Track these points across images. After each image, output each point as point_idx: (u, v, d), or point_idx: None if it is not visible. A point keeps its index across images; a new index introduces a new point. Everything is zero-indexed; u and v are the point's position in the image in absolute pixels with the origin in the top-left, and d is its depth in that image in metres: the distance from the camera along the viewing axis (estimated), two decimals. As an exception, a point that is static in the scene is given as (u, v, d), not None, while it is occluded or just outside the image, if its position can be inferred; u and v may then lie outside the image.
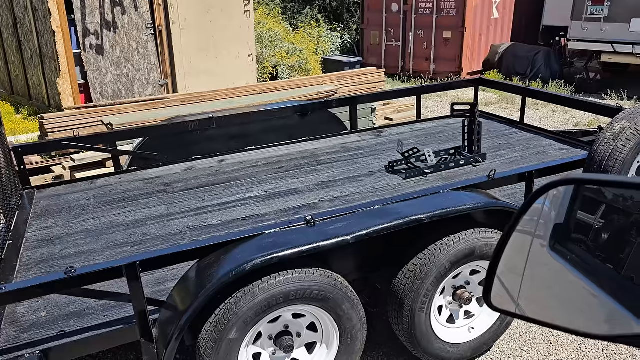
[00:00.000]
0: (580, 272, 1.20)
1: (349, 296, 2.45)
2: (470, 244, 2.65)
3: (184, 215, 3.57)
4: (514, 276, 1.25)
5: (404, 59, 12.09)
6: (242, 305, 2.25)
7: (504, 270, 1.22)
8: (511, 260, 1.22)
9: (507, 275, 1.23)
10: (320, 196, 3.74)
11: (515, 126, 5.06)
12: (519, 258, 1.25)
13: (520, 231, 1.20)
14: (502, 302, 1.22)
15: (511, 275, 1.25)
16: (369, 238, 2.43)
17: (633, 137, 2.87)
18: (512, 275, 1.25)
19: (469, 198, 2.71)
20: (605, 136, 2.96)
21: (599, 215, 1.24)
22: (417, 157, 4.25)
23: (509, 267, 1.23)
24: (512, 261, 1.23)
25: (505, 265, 1.21)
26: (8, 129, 7.56)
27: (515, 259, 1.24)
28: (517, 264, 1.25)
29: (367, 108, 6.90)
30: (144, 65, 8.46)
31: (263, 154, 4.67)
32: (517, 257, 1.24)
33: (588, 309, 1.17)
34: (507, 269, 1.22)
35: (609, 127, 2.99)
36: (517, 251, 1.24)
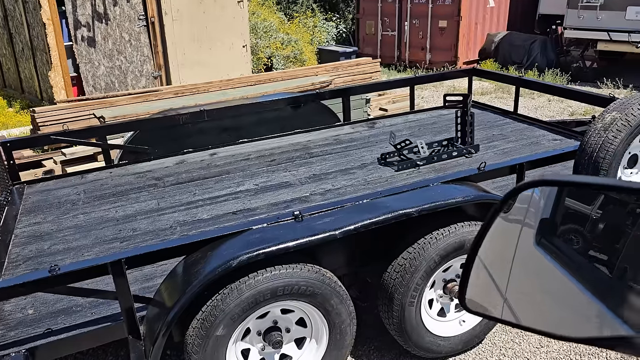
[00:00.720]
0: (565, 270, 1.15)
1: (337, 291, 2.43)
2: (460, 237, 2.63)
3: (175, 209, 3.55)
4: (490, 276, 1.19)
5: (399, 49, 12.02)
6: (229, 301, 2.23)
7: (480, 270, 1.16)
8: (488, 259, 1.17)
9: (483, 275, 1.18)
10: (312, 189, 3.72)
11: (508, 116, 5.03)
12: (497, 257, 1.19)
13: (499, 229, 1.14)
14: (477, 304, 1.17)
15: (487, 275, 1.19)
16: (357, 233, 2.41)
17: (624, 128, 2.84)
18: (488, 275, 1.19)
19: (459, 191, 2.69)
20: (596, 127, 2.93)
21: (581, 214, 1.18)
22: (410, 149, 4.22)
23: (485, 266, 1.18)
24: (488, 260, 1.17)
25: (481, 265, 1.16)
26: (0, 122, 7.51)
27: (492, 257, 1.18)
28: (494, 263, 1.19)
29: (362, 99, 6.86)
30: (137, 57, 8.39)
31: (255, 146, 4.63)
32: (494, 256, 1.18)
33: (571, 310, 1.12)
34: (483, 268, 1.17)
35: (600, 118, 2.96)
36: (494, 250, 1.18)
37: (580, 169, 2.98)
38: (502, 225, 1.15)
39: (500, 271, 1.19)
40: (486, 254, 1.15)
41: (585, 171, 2.94)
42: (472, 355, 3.01)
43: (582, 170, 2.96)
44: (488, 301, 1.18)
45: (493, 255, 1.18)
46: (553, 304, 1.16)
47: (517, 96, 5.05)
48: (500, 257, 1.20)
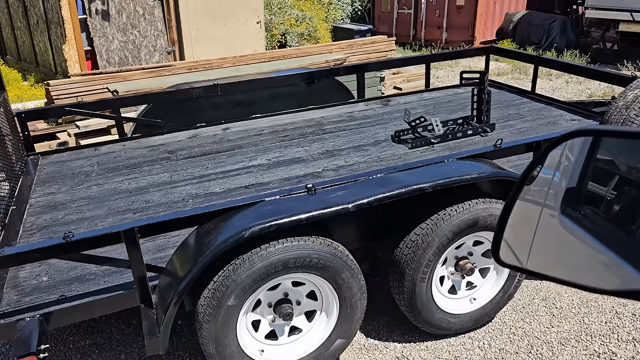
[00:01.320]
0: (592, 236, 1.19)
1: (348, 265, 2.43)
2: (474, 214, 2.60)
3: (187, 182, 3.55)
4: (524, 232, 1.25)
5: (415, 27, 11.83)
6: (241, 272, 2.24)
7: (514, 226, 1.21)
8: (521, 217, 1.22)
9: (517, 231, 1.23)
10: (325, 165, 3.70)
11: (526, 96, 4.94)
12: (530, 215, 1.25)
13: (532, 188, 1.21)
14: (511, 258, 1.23)
15: (521, 231, 1.25)
16: (370, 207, 2.39)
17: (646, 106, 2.78)
18: (522, 232, 1.25)
19: (474, 167, 2.65)
20: (618, 105, 2.86)
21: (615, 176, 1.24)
22: (424, 127, 4.18)
23: (519, 223, 1.23)
24: (522, 217, 1.23)
25: (516, 221, 1.21)
26: (15, 95, 7.55)
27: (526, 215, 1.24)
28: (527, 221, 1.25)
29: (376, 77, 6.79)
30: (151, 32, 8.35)
31: (268, 122, 4.61)
32: (528, 214, 1.24)
33: (598, 267, 1.17)
34: (517, 225, 1.22)
35: (622, 96, 2.89)
36: (528, 208, 1.24)
37: (599, 148, 2.91)
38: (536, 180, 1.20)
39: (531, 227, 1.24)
40: (521, 211, 1.20)
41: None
42: (481, 333, 3.00)
43: (601, 150, 2.90)
44: (520, 255, 1.24)
45: (525, 212, 1.23)
46: (578, 258, 1.22)
47: (535, 75, 4.96)
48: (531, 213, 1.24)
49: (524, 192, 1.20)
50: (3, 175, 3.50)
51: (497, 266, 2.90)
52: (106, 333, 3.21)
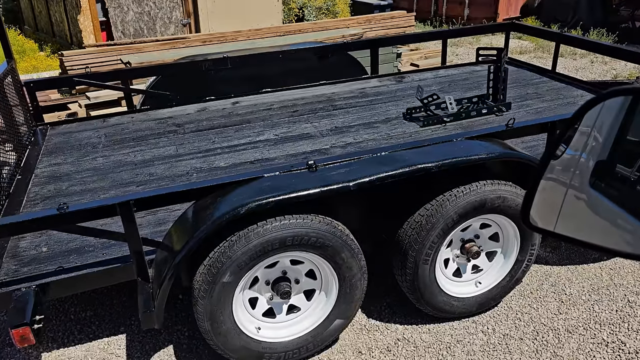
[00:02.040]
0: (620, 207, 1.23)
1: (348, 244, 2.36)
2: (481, 196, 2.51)
3: (193, 156, 3.51)
4: (554, 198, 1.29)
5: (436, 3, 11.52)
6: (236, 249, 2.19)
7: (544, 191, 1.26)
8: (551, 184, 1.27)
9: (547, 196, 1.28)
10: (333, 142, 3.62)
11: (546, 75, 4.76)
12: (560, 183, 1.29)
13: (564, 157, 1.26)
14: (539, 222, 1.28)
15: (550, 196, 1.29)
16: (373, 186, 2.32)
17: (670, 87, 2.62)
18: (551, 197, 1.29)
19: (483, 148, 2.55)
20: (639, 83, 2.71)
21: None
22: (437, 105, 4.05)
23: (549, 189, 1.27)
24: (552, 184, 1.27)
25: (546, 187, 1.25)
26: (31, 65, 7.57)
27: (556, 183, 1.28)
28: (557, 188, 1.29)
29: (392, 53, 6.62)
30: (166, 4, 8.25)
31: (278, 97, 4.53)
32: (557, 183, 1.28)
33: (627, 234, 1.22)
34: (547, 191, 1.27)
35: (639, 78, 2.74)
36: (558, 177, 1.28)
37: (618, 130, 2.77)
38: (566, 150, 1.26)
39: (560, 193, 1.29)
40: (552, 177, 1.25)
41: (622, 133, 2.74)
42: (486, 318, 2.93)
43: (619, 132, 2.76)
44: (548, 219, 1.30)
45: (555, 180, 1.27)
46: (606, 224, 1.28)
47: (556, 53, 4.76)
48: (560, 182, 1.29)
49: (554, 163, 1.24)
50: (10, 145, 3.49)
51: (504, 250, 2.81)
52: (107, 305, 3.22)
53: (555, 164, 1.26)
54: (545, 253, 3.48)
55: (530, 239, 2.74)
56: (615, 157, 1.28)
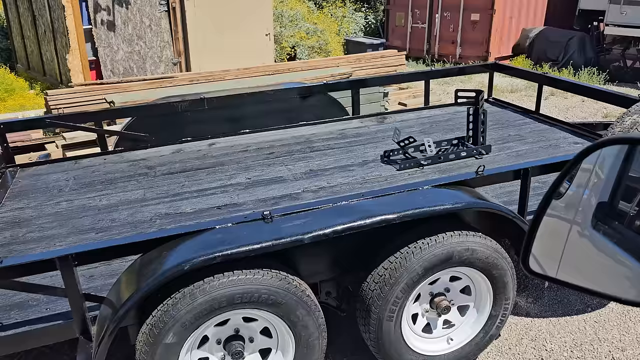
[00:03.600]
0: (623, 250, 1.23)
1: (304, 301, 2.21)
2: (448, 248, 2.37)
3: (160, 201, 3.40)
4: (554, 243, 1.29)
5: (429, 42, 11.62)
6: (180, 307, 2.04)
7: (543, 237, 1.26)
8: (551, 228, 1.27)
9: (546, 242, 1.28)
10: (305, 186, 3.51)
11: (529, 116, 4.69)
12: (560, 227, 1.29)
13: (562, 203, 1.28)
14: (540, 268, 1.28)
15: (550, 242, 1.29)
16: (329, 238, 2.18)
17: (645, 133, 2.52)
18: (551, 243, 1.29)
19: (450, 197, 2.43)
20: (614, 132, 2.61)
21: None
22: (416, 147, 3.96)
23: (549, 235, 1.27)
24: (552, 229, 1.28)
25: (545, 232, 1.26)
26: (18, 104, 7.55)
27: (556, 227, 1.29)
28: (557, 233, 1.30)
29: (379, 92, 6.57)
30: (157, 43, 8.30)
31: (256, 138, 4.45)
32: (557, 227, 1.29)
33: (628, 279, 1.21)
34: (547, 236, 1.27)
35: (619, 121, 2.64)
36: (558, 221, 1.29)
37: (594, 177, 2.65)
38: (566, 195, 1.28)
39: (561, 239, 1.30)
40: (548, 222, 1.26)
41: (598, 180, 2.62)
42: (461, 376, 2.75)
43: (595, 179, 2.64)
44: (549, 265, 1.29)
45: (554, 224, 1.28)
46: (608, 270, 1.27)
47: (539, 94, 4.70)
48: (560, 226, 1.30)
49: (553, 206, 1.25)
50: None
51: (477, 304, 2.65)
52: (62, 359, 3.05)
53: (556, 204, 1.26)
54: (526, 304, 3.31)
55: (504, 292, 2.59)
56: (616, 201, 1.28)
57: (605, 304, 3.28)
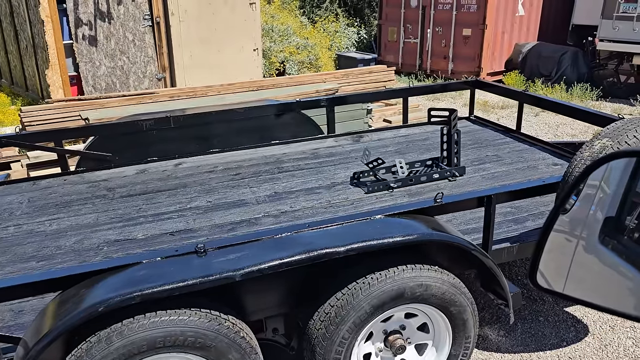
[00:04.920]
0: (630, 265, 1.24)
1: (237, 344, 2.02)
2: (399, 284, 2.18)
3: (112, 226, 3.22)
4: (561, 259, 1.31)
5: (421, 57, 11.49)
6: (95, 353, 1.85)
7: (551, 252, 1.29)
8: (558, 244, 1.30)
9: (554, 257, 1.30)
10: (267, 210, 3.34)
11: (510, 135, 4.51)
12: (567, 243, 1.32)
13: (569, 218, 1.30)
14: (548, 283, 1.30)
15: (558, 257, 1.31)
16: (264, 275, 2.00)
17: (615, 159, 2.33)
18: (559, 258, 1.31)
19: (402, 228, 2.24)
20: (582, 156, 2.43)
21: None
22: (388, 169, 3.79)
23: (556, 250, 1.30)
24: (559, 244, 1.30)
25: (552, 247, 1.28)
26: (-3, 120, 7.41)
27: (563, 243, 1.31)
28: (564, 248, 1.32)
29: (362, 109, 6.41)
30: (140, 58, 8.18)
31: (224, 158, 4.28)
32: (564, 242, 1.31)
33: (634, 295, 1.22)
34: (554, 251, 1.29)
35: (588, 145, 2.47)
36: (565, 236, 1.31)
37: (562, 205, 2.47)
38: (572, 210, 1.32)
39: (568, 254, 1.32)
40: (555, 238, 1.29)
41: (566, 209, 2.44)
42: (421, 420, 2.54)
43: (564, 207, 2.46)
44: (556, 280, 1.32)
45: (562, 240, 1.31)
46: (616, 285, 1.29)
47: (520, 112, 4.54)
48: (568, 241, 1.32)
49: (559, 221, 1.27)
50: None
51: (436, 342, 2.46)
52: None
53: (562, 219, 1.28)
54: (497, 337, 3.10)
55: (464, 331, 2.39)
56: (623, 215, 1.29)
57: (581, 338, 3.08)
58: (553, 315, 3.29)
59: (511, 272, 3.84)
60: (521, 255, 2.84)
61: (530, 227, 2.97)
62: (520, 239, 2.84)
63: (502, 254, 2.70)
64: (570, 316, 3.28)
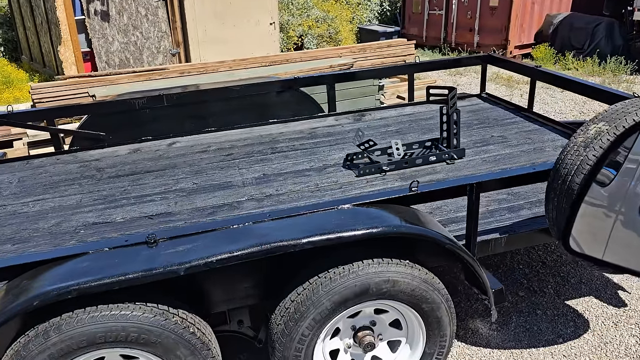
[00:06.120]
0: None
1: (186, 339, 1.92)
2: (363, 279, 2.03)
3: (92, 208, 3.16)
4: (601, 225, 1.40)
5: (446, 30, 11.05)
6: (32, 348, 1.78)
7: (591, 217, 1.38)
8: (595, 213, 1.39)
9: (594, 222, 1.39)
10: (252, 193, 3.22)
11: (520, 114, 4.23)
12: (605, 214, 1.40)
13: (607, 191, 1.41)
14: (580, 248, 1.41)
15: (597, 223, 1.40)
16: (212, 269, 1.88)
17: (611, 145, 2.09)
18: (598, 224, 1.40)
19: (367, 220, 2.08)
20: (576, 142, 2.20)
21: None
22: (384, 150, 3.60)
23: (597, 216, 1.38)
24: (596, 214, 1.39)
25: (593, 213, 1.38)
26: (13, 97, 7.49)
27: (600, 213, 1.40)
28: (601, 218, 1.40)
29: (374, 85, 6.18)
30: (154, 33, 8.10)
31: (219, 137, 4.16)
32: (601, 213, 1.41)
33: None
34: (594, 217, 1.38)
35: (583, 130, 2.23)
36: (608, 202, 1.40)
37: (552, 196, 2.26)
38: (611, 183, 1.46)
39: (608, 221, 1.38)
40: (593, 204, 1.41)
41: (556, 200, 2.23)
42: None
43: (554, 199, 2.24)
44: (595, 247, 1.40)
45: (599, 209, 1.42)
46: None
47: (532, 89, 4.25)
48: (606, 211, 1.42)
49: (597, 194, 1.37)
50: None
51: (409, 339, 2.31)
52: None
53: (604, 191, 1.37)
54: (489, 331, 2.93)
55: (438, 329, 2.23)
56: None
57: (580, 334, 2.87)
58: (552, 309, 3.08)
59: (513, 260, 3.63)
60: (511, 247, 2.65)
61: (525, 216, 2.75)
62: (511, 229, 2.63)
63: (489, 246, 2.51)
64: (570, 310, 3.07)
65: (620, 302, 3.12)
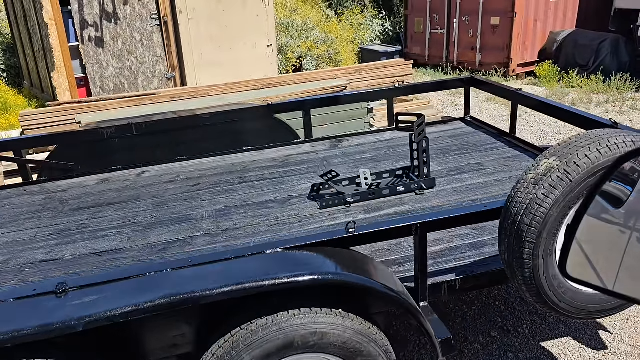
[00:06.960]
0: None
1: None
2: (287, 331, 1.87)
3: (45, 244, 3.06)
4: (608, 253, 1.26)
5: (448, 49, 10.91)
6: None
7: (588, 243, 1.26)
8: (602, 236, 1.27)
9: (596, 249, 1.27)
10: (208, 227, 3.09)
11: (502, 139, 4.05)
12: (616, 237, 1.27)
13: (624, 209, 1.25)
14: (585, 275, 1.28)
15: (602, 250, 1.27)
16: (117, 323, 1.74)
17: (560, 183, 1.92)
18: (603, 251, 1.27)
19: (293, 267, 1.92)
20: (526, 178, 2.03)
21: None
22: (352, 180, 3.45)
23: (599, 242, 1.27)
24: (603, 237, 1.27)
25: (591, 238, 1.26)
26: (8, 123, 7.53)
27: (610, 236, 1.27)
28: (612, 242, 1.27)
29: (362, 108, 6.05)
30: (149, 58, 8.11)
31: (190, 166, 4.06)
32: (612, 235, 1.27)
33: None
34: (595, 243, 1.27)
35: (534, 166, 2.06)
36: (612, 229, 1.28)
37: (503, 236, 2.08)
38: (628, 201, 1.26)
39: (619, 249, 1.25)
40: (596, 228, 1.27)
41: (507, 241, 2.05)
42: None
43: (505, 239, 2.07)
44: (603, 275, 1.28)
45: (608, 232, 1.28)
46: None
47: (514, 114, 4.07)
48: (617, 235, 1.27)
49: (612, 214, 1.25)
50: None
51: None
52: None
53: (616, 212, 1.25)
54: (453, 377, 2.73)
55: (378, 384, 2.05)
56: None
57: (551, 382, 2.66)
58: (525, 351, 2.87)
59: (489, 296, 3.42)
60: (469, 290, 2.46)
61: (488, 254, 2.57)
62: (470, 269, 2.45)
63: (441, 290, 2.32)
64: (545, 353, 2.85)
65: (601, 344, 2.90)
